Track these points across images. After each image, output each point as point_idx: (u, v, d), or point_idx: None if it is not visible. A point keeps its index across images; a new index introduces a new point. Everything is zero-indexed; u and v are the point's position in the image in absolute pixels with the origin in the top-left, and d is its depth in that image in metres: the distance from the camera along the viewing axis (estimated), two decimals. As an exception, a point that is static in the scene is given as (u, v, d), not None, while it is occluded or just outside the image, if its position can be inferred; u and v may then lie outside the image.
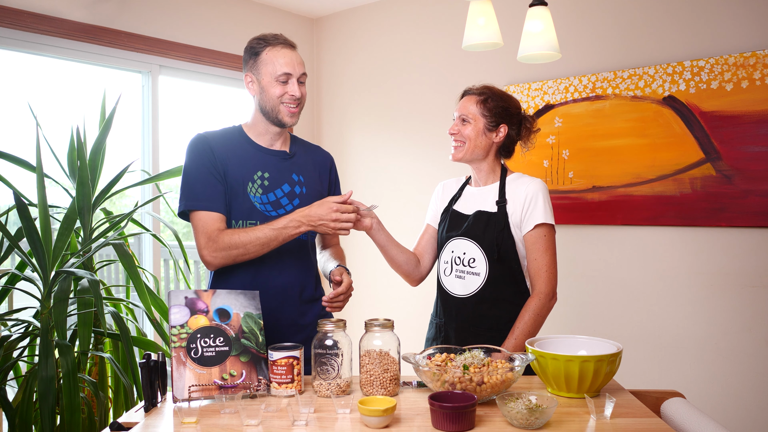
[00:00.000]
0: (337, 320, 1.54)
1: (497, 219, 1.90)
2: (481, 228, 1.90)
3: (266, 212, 1.79)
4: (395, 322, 1.60)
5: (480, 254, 1.89)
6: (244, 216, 1.78)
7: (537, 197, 1.88)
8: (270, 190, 1.81)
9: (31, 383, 2.18)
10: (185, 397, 1.45)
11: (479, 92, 1.96)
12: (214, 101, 3.78)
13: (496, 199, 1.94)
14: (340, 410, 1.39)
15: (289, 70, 1.76)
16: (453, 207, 2.04)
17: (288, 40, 1.81)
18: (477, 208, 1.95)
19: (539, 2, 2.02)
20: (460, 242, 1.94)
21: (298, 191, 1.85)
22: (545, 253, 1.87)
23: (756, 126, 2.44)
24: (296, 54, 1.80)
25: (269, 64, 1.77)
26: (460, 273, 1.93)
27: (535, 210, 1.87)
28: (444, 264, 1.99)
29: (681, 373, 2.67)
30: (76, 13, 2.87)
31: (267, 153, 1.84)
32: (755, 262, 2.49)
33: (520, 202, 1.89)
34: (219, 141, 1.82)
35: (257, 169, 1.81)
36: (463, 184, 2.10)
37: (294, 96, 1.77)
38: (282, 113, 1.78)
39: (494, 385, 1.41)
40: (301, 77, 1.80)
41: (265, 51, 1.78)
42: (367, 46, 3.76)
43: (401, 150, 3.62)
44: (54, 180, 2.54)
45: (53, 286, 2.26)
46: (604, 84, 2.83)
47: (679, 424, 1.40)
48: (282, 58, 1.76)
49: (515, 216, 1.89)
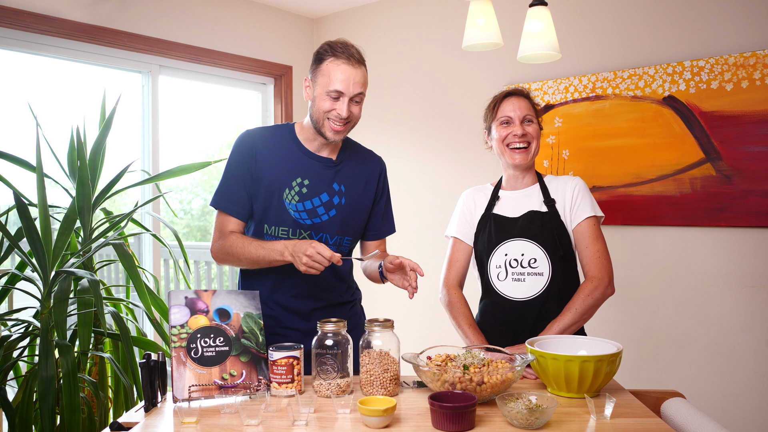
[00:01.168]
0: (337, 320, 1.54)
1: (551, 217, 1.89)
2: (538, 227, 1.88)
3: (300, 220, 1.77)
4: (395, 322, 1.60)
5: (541, 254, 1.86)
6: (277, 222, 1.77)
7: (583, 192, 1.91)
8: (307, 198, 1.78)
9: (31, 383, 2.18)
10: (185, 397, 1.45)
11: (524, 92, 1.97)
12: (214, 101, 3.79)
13: (542, 200, 1.93)
14: (340, 410, 1.39)
15: (341, 88, 1.67)
16: (493, 212, 1.98)
17: (354, 55, 1.70)
18: (525, 209, 1.93)
19: (539, 2, 2.02)
20: (515, 244, 1.89)
21: (336, 201, 1.80)
22: (596, 240, 1.88)
23: (756, 126, 2.44)
24: (357, 71, 1.69)
25: (325, 76, 1.69)
26: (519, 275, 1.88)
27: (584, 203, 1.89)
28: (496, 269, 1.91)
29: (681, 373, 2.67)
30: (76, 13, 2.87)
31: (311, 158, 1.80)
32: (755, 262, 2.49)
33: (567, 199, 1.91)
34: (265, 140, 1.79)
35: (297, 176, 1.77)
36: (495, 189, 2.03)
37: (340, 115, 1.69)
38: (326, 128, 1.73)
39: (494, 385, 1.41)
40: (357, 96, 1.70)
41: (327, 61, 1.69)
42: (367, 46, 3.74)
43: (401, 150, 3.62)
44: (54, 180, 2.54)
45: (53, 286, 2.26)
46: (604, 84, 2.83)
47: (679, 424, 1.40)
48: (339, 74, 1.67)
49: (564, 213, 1.91)
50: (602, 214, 1.92)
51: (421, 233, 3.52)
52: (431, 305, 3.46)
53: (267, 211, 1.77)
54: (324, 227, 1.79)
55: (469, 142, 3.32)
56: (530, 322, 1.86)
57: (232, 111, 3.92)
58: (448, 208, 3.45)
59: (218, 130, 4.22)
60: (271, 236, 1.78)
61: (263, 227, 1.78)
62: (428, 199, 3.51)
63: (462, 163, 3.36)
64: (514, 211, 1.94)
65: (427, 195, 3.51)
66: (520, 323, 1.87)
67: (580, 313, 1.79)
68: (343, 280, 1.87)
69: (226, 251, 1.75)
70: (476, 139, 3.31)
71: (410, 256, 1.72)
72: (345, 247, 1.86)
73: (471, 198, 2.06)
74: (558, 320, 1.79)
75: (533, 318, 1.85)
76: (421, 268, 1.68)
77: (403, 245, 3.59)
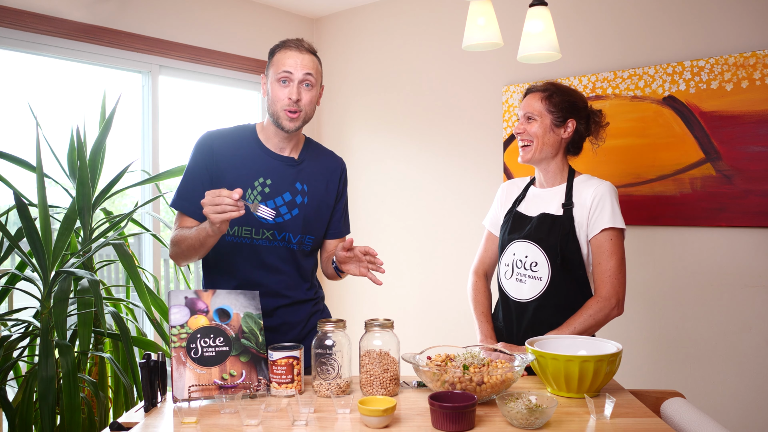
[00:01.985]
0: (337, 320, 1.54)
1: (562, 222, 1.83)
2: (545, 231, 1.84)
3: (263, 219, 1.76)
4: (395, 322, 1.60)
5: (543, 258, 1.83)
6: (240, 222, 1.76)
7: (605, 200, 1.81)
8: (270, 197, 1.78)
9: (31, 383, 2.18)
10: (185, 397, 1.45)
11: (543, 88, 1.90)
12: (214, 101, 3.78)
13: (562, 202, 1.87)
14: (340, 410, 1.39)
15: (289, 68, 1.71)
16: (516, 209, 1.97)
17: (303, 44, 1.75)
18: (542, 210, 1.89)
19: (539, 2, 2.02)
20: (522, 245, 1.88)
21: (299, 201, 1.81)
22: (610, 257, 1.80)
23: (756, 126, 2.44)
24: (304, 56, 1.73)
25: (275, 64, 1.74)
26: (521, 277, 1.87)
27: (603, 213, 1.80)
28: (505, 267, 1.92)
29: (681, 373, 2.67)
30: (76, 13, 2.87)
31: (273, 158, 1.81)
32: (755, 262, 2.49)
33: (587, 205, 1.82)
34: (225, 141, 1.80)
35: (259, 176, 1.78)
36: (528, 184, 2.02)
37: (291, 98, 1.71)
38: (282, 118, 1.74)
39: (494, 385, 1.41)
40: (306, 79, 1.73)
41: (278, 52, 1.76)
42: (368, 46, 3.76)
43: (401, 150, 3.62)
44: (54, 180, 2.54)
45: (53, 286, 2.26)
46: (604, 84, 2.83)
47: (679, 424, 1.40)
48: (287, 59, 1.72)
49: (581, 220, 1.82)
50: (623, 225, 1.82)
51: (421, 232, 3.52)
52: (431, 305, 3.46)
53: None
54: (287, 227, 1.79)
55: (469, 142, 3.32)
56: (524, 324, 1.86)
57: (232, 111, 3.92)
58: (449, 207, 3.46)
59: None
60: (233, 237, 1.77)
61: (228, 229, 1.76)
62: (428, 198, 3.51)
63: (463, 163, 3.36)
64: (533, 211, 1.92)
65: (428, 195, 3.51)
66: (516, 323, 1.89)
67: (578, 332, 1.76)
68: (306, 279, 1.87)
69: (172, 242, 1.74)
70: (477, 138, 3.31)
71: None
72: (307, 245, 1.85)
73: (505, 191, 2.07)
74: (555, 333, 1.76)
75: (528, 319, 1.85)
76: (373, 249, 1.67)
77: (404, 245, 3.59)
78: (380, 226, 3.71)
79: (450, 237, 3.39)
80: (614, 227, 1.81)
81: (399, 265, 3.57)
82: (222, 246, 1.78)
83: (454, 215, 3.39)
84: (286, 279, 1.82)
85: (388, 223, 3.67)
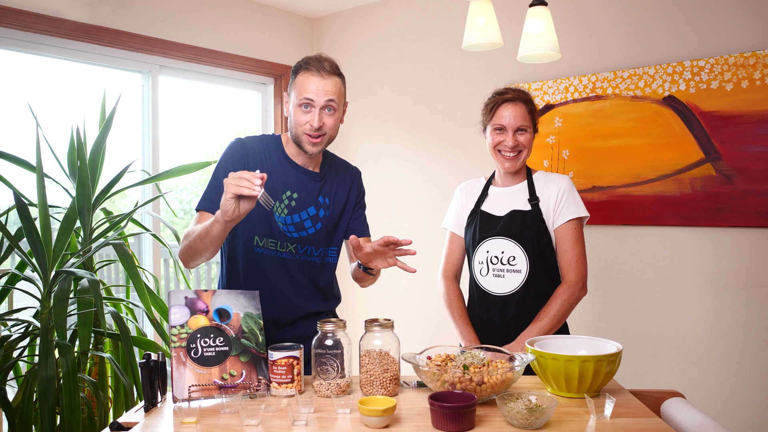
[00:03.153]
0: (337, 320, 1.54)
1: (533, 216, 1.95)
2: (518, 226, 1.95)
3: (288, 233, 1.77)
4: (395, 322, 1.60)
5: (520, 252, 1.94)
6: (267, 234, 1.76)
7: (569, 193, 1.96)
8: (296, 211, 1.78)
9: (31, 383, 2.18)
10: (185, 397, 1.45)
11: (524, 99, 1.99)
12: (214, 101, 3.79)
13: (527, 198, 1.98)
14: (340, 410, 1.39)
15: (311, 96, 1.68)
16: (481, 208, 2.07)
17: (324, 67, 1.70)
18: (509, 208, 2.00)
19: (539, 2, 2.02)
20: (496, 242, 1.98)
21: (321, 215, 1.82)
22: (575, 244, 1.94)
23: (756, 126, 2.44)
24: (326, 81, 1.69)
25: (297, 87, 1.71)
26: (499, 272, 1.97)
27: (568, 205, 1.95)
28: (479, 264, 2.01)
29: (681, 373, 2.67)
30: (76, 13, 2.87)
31: (300, 171, 1.80)
32: (755, 262, 2.49)
33: (552, 198, 1.96)
34: (256, 151, 1.78)
35: (287, 189, 1.78)
36: (486, 184, 2.12)
37: (312, 126, 1.69)
38: (304, 142, 1.72)
39: (494, 385, 1.41)
40: (328, 105, 1.70)
41: (299, 74, 1.71)
42: (368, 46, 3.76)
43: (401, 149, 3.62)
44: (54, 180, 2.54)
45: (53, 286, 2.26)
46: (604, 84, 2.83)
47: (679, 424, 1.40)
48: (308, 85, 1.68)
49: (548, 212, 1.96)
50: (587, 213, 1.97)
51: (421, 232, 3.52)
52: (431, 305, 3.46)
53: (257, 223, 1.76)
54: (310, 240, 1.80)
55: (468, 142, 3.32)
56: (508, 315, 1.96)
57: (232, 111, 3.92)
58: (448, 207, 3.45)
59: (218, 130, 4.22)
60: (261, 249, 1.77)
61: (254, 239, 1.76)
62: (428, 198, 3.51)
63: (462, 162, 3.36)
64: (500, 209, 2.02)
65: (428, 194, 3.51)
66: (500, 316, 1.98)
67: (557, 319, 1.90)
68: (321, 291, 1.87)
69: (182, 239, 1.67)
70: (476, 138, 3.31)
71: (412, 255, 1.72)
72: (331, 257, 1.87)
73: (464, 192, 2.16)
74: (536, 323, 1.89)
75: (512, 311, 1.96)
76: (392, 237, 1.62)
77: (403, 245, 3.59)
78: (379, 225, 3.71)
79: (450, 237, 3.39)
80: (579, 217, 1.96)
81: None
82: (248, 256, 1.77)
83: (454, 215, 3.38)
84: (306, 292, 1.83)
85: (387, 222, 3.67)
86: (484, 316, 2.02)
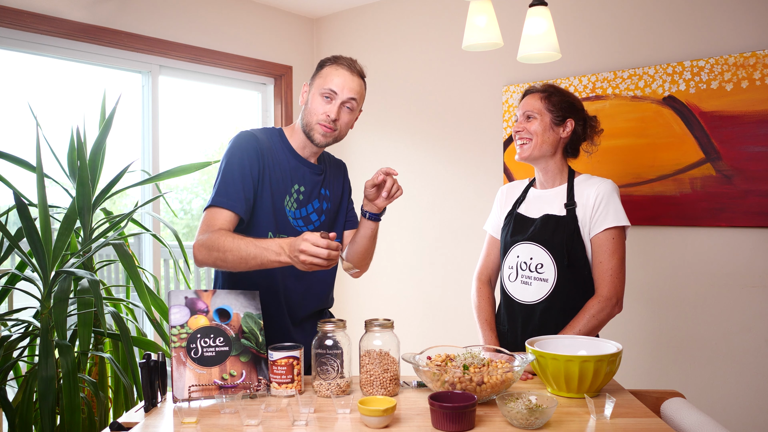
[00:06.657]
0: (337, 320, 1.54)
1: (566, 223, 1.83)
2: (549, 232, 1.84)
3: (298, 227, 1.78)
4: (395, 322, 1.60)
5: (548, 259, 1.82)
6: (279, 229, 1.75)
7: (608, 199, 1.82)
8: (303, 205, 1.79)
9: (31, 383, 2.18)
10: (185, 397, 1.45)
11: (542, 89, 1.93)
12: (214, 101, 3.79)
13: (564, 202, 1.87)
14: (340, 410, 1.39)
15: (335, 88, 1.70)
16: (517, 210, 1.97)
17: (355, 66, 1.75)
18: (544, 212, 1.89)
19: (539, 2, 2.02)
20: (526, 247, 1.87)
21: (325, 207, 1.84)
22: (612, 256, 1.80)
23: (756, 126, 2.44)
24: (353, 78, 1.73)
25: (323, 77, 1.73)
26: (527, 279, 1.87)
27: (607, 212, 1.81)
28: (509, 269, 1.92)
29: (681, 373, 2.67)
30: (76, 13, 2.87)
31: (305, 165, 1.81)
32: (755, 262, 2.49)
33: (590, 204, 1.83)
34: (264, 144, 1.76)
35: (294, 182, 1.78)
36: (527, 186, 2.03)
37: (329, 116, 1.71)
38: (315, 131, 1.73)
39: (494, 385, 1.41)
40: (349, 102, 1.72)
41: (328, 66, 1.75)
42: (368, 46, 3.76)
43: (401, 149, 3.62)
44: (54, 180, 2.54)
45: (53, 286, 2.26)
46: (604, 84, 2.83)
47: (679, 424, 1.40)
48: (336, 77, 1.71)
49: (584, 219, 1.82)
50: (627, 222, 1.83)
51: (420, 232, 3.52)
52: (431, 305, 3.46)
53: (272, 217, 1.74)
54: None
55: (469, 142, 3.32)
56: (531, 327, 1.86)
57: (232, 111, 3.92)
58: (448, 207, 3.46)
59: (218, 130, 4.22)
60: None
61: (267, 235, 1.74)
62: (427, 198, 3.51)
63: (462, 163, 3.36)
64: (535, 212, 1.92)
65: (428, 195, 3.51)
66: (524, 326, 1.88)
67: (583, 334, 1.76)
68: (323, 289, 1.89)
69: (210, 244, 1.57)
70: (476, 138, 3.31)
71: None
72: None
73: (504, 194, 2.08)
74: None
75: (536, 323, 1.85)
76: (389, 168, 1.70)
77: (403, 244, 3.59)
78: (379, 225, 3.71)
79: (449, 236, 3.39)
80: (618, 226, 1.81)
81: (399, 265, 3.57)
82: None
83: (454, 215, 3.39)
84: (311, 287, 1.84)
85: (387, 223, 3.67)
86: (507, 324, 1.93)
